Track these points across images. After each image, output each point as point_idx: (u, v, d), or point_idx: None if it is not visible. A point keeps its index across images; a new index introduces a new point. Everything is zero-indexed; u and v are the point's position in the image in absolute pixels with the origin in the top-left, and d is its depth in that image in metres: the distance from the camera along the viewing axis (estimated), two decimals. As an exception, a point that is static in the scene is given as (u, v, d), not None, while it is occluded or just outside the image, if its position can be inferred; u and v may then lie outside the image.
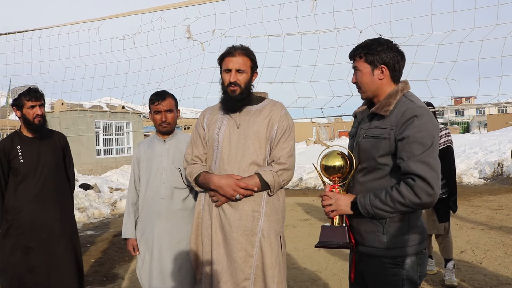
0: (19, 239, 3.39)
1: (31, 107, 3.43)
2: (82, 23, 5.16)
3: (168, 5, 4.37)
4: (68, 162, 3.76)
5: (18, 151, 3.45)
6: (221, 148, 2.64)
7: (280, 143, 2.61)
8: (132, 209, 3.26)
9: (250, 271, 2.54)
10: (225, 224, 2.58)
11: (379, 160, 2.12)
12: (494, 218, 8.18)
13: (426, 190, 1.96)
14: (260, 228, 2.57)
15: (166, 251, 3.05)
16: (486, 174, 14.19)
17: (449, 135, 4.71)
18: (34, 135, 3.54)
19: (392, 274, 2.11)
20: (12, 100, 3.46)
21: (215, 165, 2.67)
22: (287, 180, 2.63)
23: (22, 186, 3.44)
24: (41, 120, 3.48)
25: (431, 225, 4.78)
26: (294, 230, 7.64)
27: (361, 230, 2.19)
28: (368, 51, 2.17)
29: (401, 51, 2.20)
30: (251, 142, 2.60)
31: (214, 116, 2.76)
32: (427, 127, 2.02)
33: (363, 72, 2.20)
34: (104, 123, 20.32)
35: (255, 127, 2.61)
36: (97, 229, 8.42)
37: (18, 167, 3.44)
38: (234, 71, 2.63)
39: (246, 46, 2.70)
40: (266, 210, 2.59)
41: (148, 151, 3.23)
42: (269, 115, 2.65)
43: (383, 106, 2.14)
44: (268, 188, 2.56)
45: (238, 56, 2.63)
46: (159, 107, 3.11)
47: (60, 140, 3.72)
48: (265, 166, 2.61)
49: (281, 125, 2.63)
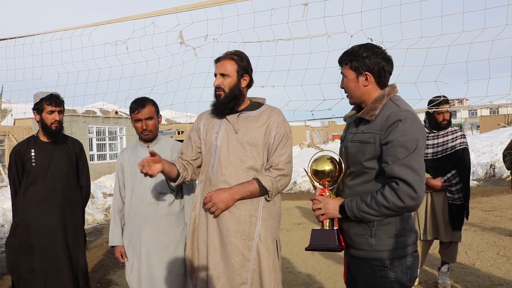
0: (24, 240, 3.48)
1: (50, 112, 3.53)
2: (75, 29, 5.15)
3: (160, 11, 4.38)
4: (82, 169, 3.80)
5: (31, 154, 3.56)
6: (219, 153, 2.65)
7: (278, 149, 2.63)
8: (118, 216, 3.27)
9: (247, 275, 2.55)
10: (223, 229, 2.59)
11: (366, 164, 2.14)
12: (487, 219, 8.24)
13: (409, 193, 1.97)
14: (257, 232, 2.58)
15: (154, 256, 3.06)
16: (479, 176, 14.29)
17: (464, 137, 4.51)
18: (49, 140, 3.63)
19: (381, 276, 2.13)
20: (34, 104, 3.58)
21: (212, 169, 2.67)
22: (285, 186, 2.65)
23: (31, 189, 3.53)
24: (58, 126, 3.59)
25: (447, 232, 4.49)
26: (288, 234, 7.65)
27: (350, 233, 2.22)
28: (353, 57, 2.19)
29: (387, 57, 2.21)
30: (249, 147, 2.61)
31: (212, 120, 2.77)
32: (411, 131, 2.03)
33: (348, 79, 2.23)
34: (97, 128, 20.27)
35: (253, 133, 2.63)
36: (90, 235, 8.38)
37: (30, 169, 3.54)
38: (219, 75, 2.67)
39: (237, 51, 2.72)
40: (263, 215, 2.61)
41: (132, 158, 3.23)
42: (267, 121, 2.66)
43: (369, 111, 2.17)
44: (266, 194, 2.58)
45: (223, 60, 2.67)
46: (139, 115, 3.12)
47: (75, 146, 3.77)
48: (263, 171, 2.63)
49: (279, 132, 2.64)
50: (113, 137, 21.19)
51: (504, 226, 7.55)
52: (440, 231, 4.53)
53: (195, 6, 4.14)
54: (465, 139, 4.50)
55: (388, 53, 2.23)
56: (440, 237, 4.56)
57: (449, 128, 4.55)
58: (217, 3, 4.03)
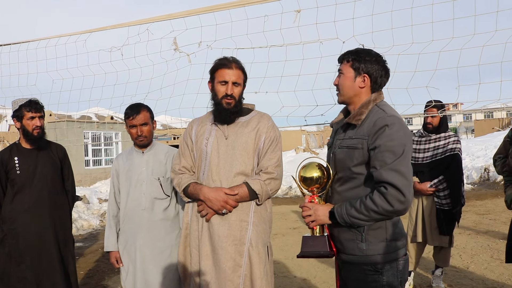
0: (13, 249, 3.44)
1: (30, 118, 3.49)
2: (70, 36, 5.17)
3: (155, 18, 4.41)
4: (67, 174, 3.79)
5: (15, 162, 3.51)
6: (210, 159, 2.67)
7: (267, 154, 2.66)
8: (113, 222, 3.28)
9: (239, 281, 2.56)
10: (214, 234, 2.60)
11: (354, 169, 2.17)
12: (481, 222, 8.28)
13: (398, 197, 2.00)
14: (249, 237, 2.60)
15: (149, 261, 3.07)
16: (473, 180, 14.36)
17: (458, 142, 4.49)
18: (32, 147, 3.59)
19: (372, 280, 2.15)
20: (13, 111, 3.53)
21: (203, 175, 2.69)
22: (275, 189, 2.67)
23: (18, 197, 3.50)
24: (39, 132, 3.55)
25: (434, 236, 4.52)
26: (284, 239, 7.66)
27: (341, 239, 2.24)
28: (356, 57, 2.24)
29: (387, 67, 2.27)
30: (239, 153, 2.63)
31: (203, 127, 2.79)
32: (398, 135, 2.07)
33: (346, 76, 2.26)
34: (92, 134, 20.23)
35: (243, 138, 2.65)
36: (86, 240, 8.36)
37: (15, 178, 3.49)
38: (231, 84, 2.65)
39: (237, 59, 2.74)
40: (254, 220, 2.63)
41: (127, 163, 3.25)
42: (257, 126, 2.69)
43: (355, 116, 2.21)
44: (256, 197, 2.60)
45: (234, 69, 2.67)
46: (134, 121, 3.14)
47: (58, 152, 3.75)
48: (253, 176, 2.65)
49: (268, 136, 2.67)
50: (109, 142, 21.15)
51: (498, 230, 7.59)
52: (428, 235, 4.56)
53: (189, 13, 4.17)
54: (457, 145, 4.49)
55: (387, 65, 2.28)
56: (428, 241, 4.60)
57: (442, 133, 4.57)
58: (211, 10, 4.06)
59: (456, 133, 42.35)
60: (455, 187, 4.43)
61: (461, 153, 4.57)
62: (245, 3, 3.87)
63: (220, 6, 4.03)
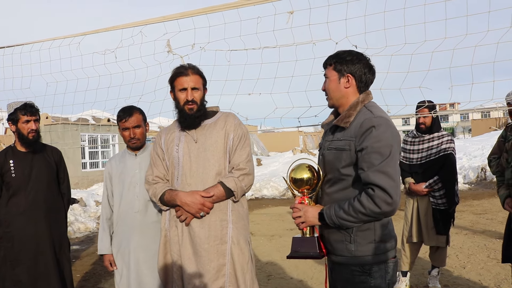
0: (8, 252, 3.44)
1: (26, 121, 3.50)
2: (63, 39, 5.16)
3: (148, 20, 4.41)
4: (62, 177, 3.79)
5: (10, 165, 3.51)
6: (182, 164, 2.72)
7: (237, 151, 2.73)
8: (107, 224, 3.28)
9: (224, 279, 2.62)
10: (195, 237, 2.64)
11: (342, 171, 2.17)
12: (478, 222, 8.30)
13: (385, 199, 2.00)
14: (229, 235, 2.66)
15: (143, 264, 3.08)
16: (470, 179, 14.38)
17: (451, 142, 4.52)
18: (27, 150, 3.60)
19: (360, 281, 2.16)
20: (8, 115, 3.53)
21: (177, 181, 2.74)
22: (249, 185, 2.73)
23: (13, 200, 3.50)
24: (35, 135, 3.55)
25: (431, 236, 4.53)
26: (281, 240, 7.65)
27: (331, 240, 2.25)
28: (337, 60, 2.26)
29: (370, 64, 2.27)
30: (211, 153, 2.69)
31: (171, 135, 2.83)
32: (385, 137, 2.07)
33: (330, 79, 2.28)
34: (89, 136, 20.19)
35: (213, 138, 2.72)
36: (82, 243, 8.34)
37: (10, 181, 3.50)
38: (190, 90, 2.72)
39: (194, 65, 2.81)
40: (233, 218, 2.69)
41: (120, 166, 3.26)
42: (224, 126, 2.76)
43: (343, 118, 2.21)
44: (232, 195, 2.65)
45: (191, 75, 2.73)
46: (127, 124, 3.16)
47: (54, 154, 3.75)
48: (226, 174, 2.70)
49: (236, 134, 2.74)
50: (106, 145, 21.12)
51: (494, 229, 7.61)
52: (424, 235, 4.57)
53: (183, 15, 4.17)
54: (451, 144, 4.52)
55: (371, 62, 2.29)
56: (425, 241, 4.61)
57: (436, 133, 4.58)
58: (204, 12, 4.06)
59: (453, 133, 41.96)
60: (451, 187, 4.46)
61: (455, 152, 4.61)
62: (238, 5, 3.87)
63: (213, 8, 4.03)
